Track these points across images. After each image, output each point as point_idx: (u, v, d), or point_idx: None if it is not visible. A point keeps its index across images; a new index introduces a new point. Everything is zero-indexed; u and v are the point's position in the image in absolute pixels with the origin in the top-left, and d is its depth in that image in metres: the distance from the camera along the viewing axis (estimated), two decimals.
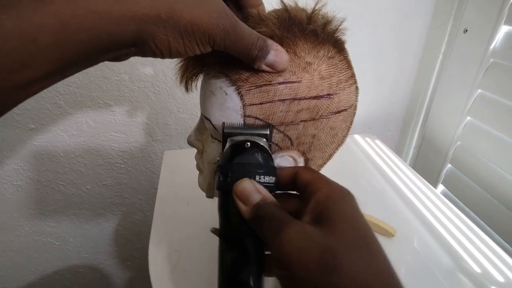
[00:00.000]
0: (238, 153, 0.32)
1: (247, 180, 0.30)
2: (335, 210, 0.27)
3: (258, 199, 0.29)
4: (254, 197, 0.29)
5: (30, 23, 0.23)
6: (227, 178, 0.31)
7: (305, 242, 0.25)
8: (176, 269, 0.52)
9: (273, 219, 0.28)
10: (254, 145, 0.33)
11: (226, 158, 0.32)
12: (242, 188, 0.30)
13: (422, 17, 0.87)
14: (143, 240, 1.04)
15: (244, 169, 0.31)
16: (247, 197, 0.29)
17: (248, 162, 0.32)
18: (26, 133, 0.77)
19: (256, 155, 0.32)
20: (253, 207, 0.29)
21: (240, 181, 0.30)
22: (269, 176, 0.32)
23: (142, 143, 0.87)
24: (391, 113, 1.02)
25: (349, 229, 0.26)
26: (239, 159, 0.32)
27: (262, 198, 0.29)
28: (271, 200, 0.30)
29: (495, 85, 0.74)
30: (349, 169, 0.79)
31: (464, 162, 0.83)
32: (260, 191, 0.30)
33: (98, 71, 0.74)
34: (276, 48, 0.33)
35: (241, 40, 0.31)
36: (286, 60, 0.33)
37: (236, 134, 0.34)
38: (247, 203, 0.29)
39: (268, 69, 0.34)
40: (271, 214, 0.28)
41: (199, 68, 0.38)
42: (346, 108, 0.38)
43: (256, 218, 0.29)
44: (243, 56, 0.32)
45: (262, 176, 0.31)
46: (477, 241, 0.59)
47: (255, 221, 0.29)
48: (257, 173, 0.31)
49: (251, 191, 0.30)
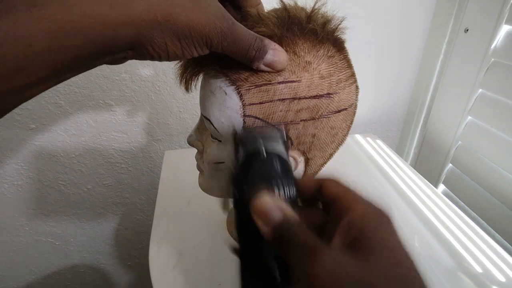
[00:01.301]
0: (253, 164, 0.29)
1: (266, 196, 0.27)
2: (373, 237, 0.23)
3: (279, 218, 0.26)
4: (275, 215, 0.26)
5: (25, 28, 0.23)
6: (243, 193, 0.28)
7: (342, 277, 0.22)
8: (176, 269, 0.52)
9: (300, 245, 0.24)
10: (270, 152, 0.30)
11: (241, 170, 0.30)
12: (261, 205, 0.27)
13: (423, 17, 0.87)
14: (144, 240, 1.04)
15: (261, 181, 0.28)
16: (267, 215, 0.26)
17: (265, 174, 0.29)
18: (27, 133, 0.77)
19: (274, 165, 0.29)
20: (274, 227, 0.26)
21: (258, 197, 0.27)
22: (289, 187, 0.29)
23: (143, 143, 0.87)
24: (392, 113, 1.02)
25: (390, 263, 0.22)
26: (255, 170, 0.29)
27: (284, 216, 0.26)
28: (294, 219, 0.26)
29: (496, 85, 0.73)
30: (350, 169, 0.79)
31: (465, 162, 0.83)
32: (281, 208, 0.26)
33: (99, 70, 0.74)
34: (274, 48, 0.33)
35: (239, 41, 0.31)
36: (284, 59, 0.33)
37: (250, 141, 0.31)
38: (267, 222, 0.26)
39: (267, 69, 0.33)
40: (297, 238, 0.24)
41: (198, 68, 0.38)
42: (346, 107, 0.38)
43: (279, 239, 0.25)
44: (241, 57, 0.32)
45: (282, 187, 0.28)
46: (478, 241, 0.59)
47: (278, 243, 0.25)
48: (276, 184, 0.28)
49: (271, 208, 0.26)
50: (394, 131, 1.06)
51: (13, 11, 0.22)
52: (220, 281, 0.51)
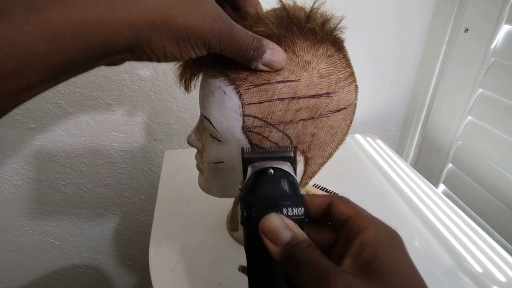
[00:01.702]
0: (261, 183, 0.29)
1: (274, 215, 0.27)
2: (386, 262, 0.23)
3: (288, 238, 0.25)
4: (284, 235, 0.26)
5: (23, 32, 0.23)
6: (251, 213, 0.28)
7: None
8: (176, 269, 0.52)
9: (311, 267, 0.23)
10: (278, 171, 0.29)
11: (249, 189, 0.29)
12: (270, 225, 0.26)
13: (422, 16, 0.87)
14: (144, 239, 1.04)
15: (269, 202, 0.28)
16: (276, 235, 0.26)
17: (273, 193, 0.28)
18: (27, 133, 0.77)
19: (282, 184, 0.29)
20: (283, 247, 0.25)
21: (267, 217, 0.27)
22: (298, 208, 0.28)
23: (143, 143, 0.87)
24: (392, 113, 1.02)
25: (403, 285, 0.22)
26: (263, 190, 0.28)
27: (293, 236, 0.26)
28: (303, 239, 0.26)
29: (496, 85, 0.73)
30: (350, 168, 0.79)
31: (465, 162, 0.83)
32: (290, 227, 0.26)
33: (99, 70, 0.74)
34: (272, 47, 0.33)
35: (237, 42, 0.31)
36: (283, 59, 0.33)
37: (257, 160, 0.31)
38: (276, 242, 0.26)
39: (266, 69, 0.33)
40: (308, 257, 0.24)
41: (197, 68, 0.38)
42: (345, 106, 0.38)
43: (289, 261, 0.25)
44: (239, 57, 0.32)
45: (290, 208, 0.28)
46: (478, 241, 0.59)
47: (288, 264, 0.25)
48: (285, 205, 0.28)
49: (280, 228, 0.26)
50: (394, 131, 1.06)
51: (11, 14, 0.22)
52: (220, 281, 0.51)
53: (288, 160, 0.31)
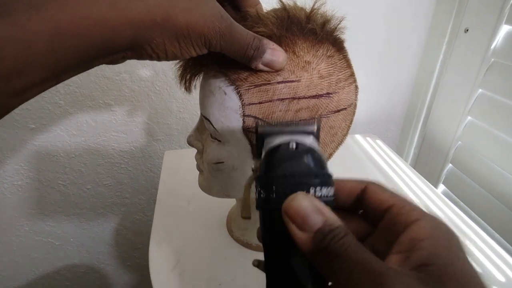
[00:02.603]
0: (282, 159, 0.24)
1: (302, 195, 0.22)
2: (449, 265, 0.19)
3: (320, 223, 0.21)
4: (314, 219, 0.21)
5: (25, 30, 0.23)
6: (270, 194, 0.23)
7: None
8: (176, 269, 0.52)
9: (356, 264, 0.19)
10: (301, 146, 0.24)
11: (267, 166, 0.24)
12: (297, 206, 0.21)
13: (422, 17, 0.87)
14: (144, 240, 1.04)
15: (293, 180, 0.23)
16: (305, 219, 0.21)
17: (297, 170, 0.23)
18: (27, 133, 0.77)
19: (307, 159, 0.24)
20: (314, 235, 0.21)
21: (292, 197, 0.22)
22: (328, 187, 0.23)
23: (143, 143, 0.87)
24: (392, 113, 1.02)
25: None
26: (285, 167, 0.23)
27: (326, 221, 0.21)
28: (339, 225, 0.21)
29: (496, 85, 0.73)
30: (350, 169, 0.79)
31: (465, 162, 0.83)
32: (321, 210, 0.21)
33: (99, 70, 0.74)
34: (272, 47, 0.33)
35: (237, 41, 0.31)
36: (283, 59, 0.33)
37: (274, 134, 0.26)
38: (305, 228, 0.21)
39: (266, 69, 0.34)
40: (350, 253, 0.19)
41: (198, 68, 0.38)
42: (345, 107, 0.38)
43: (322, 252, 0.20)
44: (240, 56, 0.32)
45: (319, 187, 0.23)
46: (478, 241, 0.59)
47: (321, 258, 0.20)
48: (312, 183, 0.23)
49: (309, 211, 0.21)
50: (394, 131, 1.06)
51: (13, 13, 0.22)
52: (220, 281, 0.51)
53: (311, 133, 0.26)
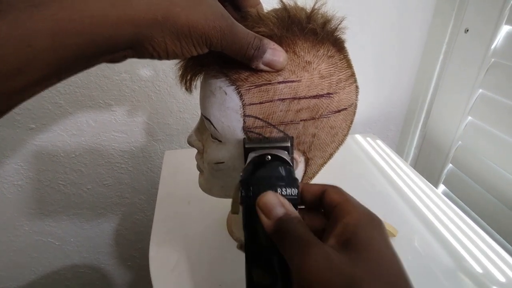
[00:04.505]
0: (259, 167, 0.32)
1: (270, 192, 0.29)
2: (364, 237, 0.25)
3: (281, 213, 0.28)
4: (277, 210, 0.28)
5: (25, 28, 0.23)
6: (249, 192, 0.30)
7: (329, 270, 0.23)
8: (176, 269, 0.52)
9: (296, 237, 0.26)
10: (275, 158, 0.32)
11: (248, 172, 0.32)
12: (266, 200, 0.29)
13: (422, 17, 0.87)
14: (144, 240, 1.04)
15: (266, 182, 0.31)
16: (270, 210, 0.28)
17: (269, 175, 0.31)
18: (27, 133, 0.77)
19: (278, 168, 0.32)
20: (276, 220, 0.27)
21: (263, 194, 0.29)
22: (292, 188, 0.31)
23: (143, 143, 0.87)
24: (392, 113, 1.02)
25: (377, 260, 0.24)
26: (261, 173, 0.31)
27: (286, 212, 0.28)
28: (295, 216, 0.28)
29: (496, 85, 0.74)
30: (350, 169, 0.79)
31: (465, 162, 0.83)
32: (284, 204, 0.29)
33: (99, 70, 0.74)
34: (273, 47, 0.33)
35: (238, 40, 0.31)
36: (284, 59, 0.33)
37: (257, 149, 0.34)
38: (270, 216, 0.28)
39: (267, 68, 0.34)
40: (295, 230, 0.27)
41: (198, 68, 0.38)
42: (346, 107, 0.38)
43: (278, 232, 0.27)
44: (240, 56, 0.32)
45: (284, 188, 0.30)
46: (478, 241, 0.59)
47: (277, 236, 0.27)
48: (279, 185, 0.30)
49: (274, 204, 0.28)
50: (394, 131, 1.06)
51: (14, 11, 0.22)
52: (220, 281, 0.51)
53: (285, 149, 0.34)
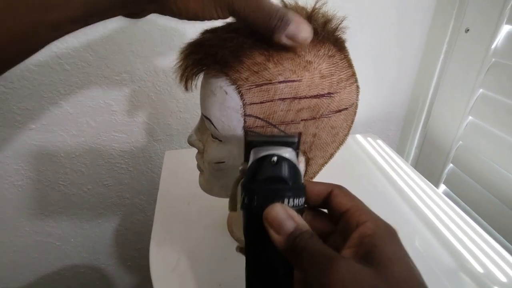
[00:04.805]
0: (263, 171, 0.28)
1: (278, 206, 0.27)
2: (385, 251, 0.24)
3: (292, 228, 0.26)
4: (288, 225, 0.26)
5: None
6: (252, 201, 0.28)
7: (356, 282, 0.23)
8: (177, 269, 0.52)
9: (315, 253, 0.25)
10: (281, 159, 0.29)
11: (251, 176, 0.29)
12: (275, 215, 0.27)
13: (423, 17, 0.87)
14: (144, 240, 1.04)
15: (271, 192, 0.28)
16: (280, 225, 0.26)
17: (275, 183, 0.28)
18: (27, 133, 0.77)
19: (284, 173, 0.28)
20: (288, 237, 0.26)
21: (271, 207, 0.27)
22: (300, 198, 0.28)
23: (143, 143, 0.87)
24: (392, 113, 1.02)
25: (402, 272, 0.24)
26: (265, 179, 0.28)
27: (297, 226, 0.26)
28: (306, 229, 0.27)
29: (496, 85, 0.73)
30: (350, 169, 0.79)
31: (466, 162, 0.83)
32: (293, 218, 0.27)
33: (99, 70, 0.74)
34: (298, 20, 0.32)
35: (262, 8, 0.30)
36: (309, 33, 0.32)
37: (260, 143, 0.30)
38: (280, 232, 0.26)
39: (289, 42, 0.32)
40: (311, 246, 0.25)
41: (199, 68, 0.38)
42: (347, 107, 0.38)
43: (293, 249, 0.26)
44: (263, 26, 0.31)
45: (292, 198, 0.28)
46: (479, 241, 0.59)
47: (292, 253, 0.26)
48: (287, 196, 0.28)
49: (284, 219, 0.26)
50: (395, 131, 1.06)
51: None
52: (220, 281, 0.51)
53: (291, 146, 0.30)
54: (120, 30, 0.71)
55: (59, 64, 0.71)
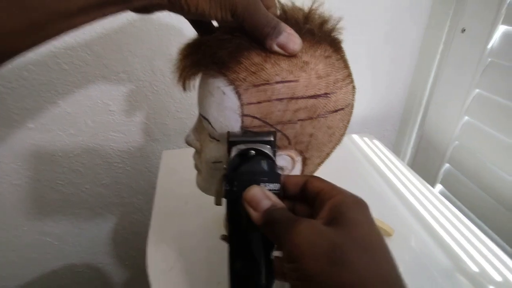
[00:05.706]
0: (243, 162, 0.33)
1: (256, 187, 0.31)
2: (349, 215, 0.27)
3: (268, 205, 0.30)
4: (264, 203, 0.30)
5: None
6: (233, 187, 0.32)
7: (316, 236, 0.26)
8: (174, 268, 0.53)
9: (284, 220, 0.28)
10: (258, 153, 0.33)
11: (232, 167, 0.33)
12: (252, 194, 0.30)
13: (419, 16, 0.87)
14: (141, 239, 1.03)
15: (249, 177, 0.32)
16: (258, 203, 0.30)
17: (253, 170, 0.33)
18: (25, 133, 0.77)
19: (261, 163, 0.33)
20: (263, 212, 0.29)
21: (249, 188, 0.31)
22: (274, 183, 0.32)
23: (141, 143, 0.87)
24: (389, 113, 1.02)
25: (360, 232, 0.26)
26: (245, 168, 0.33)
27: (272, 203, 0.30)
28: (281, 206, 0.30)
29: (492, 85, 0.74)
30: (347, 168, 0.79)
31: (462, 162, 0.84)
32: (269, 197, 0.30)
33: (97, 70, 0.74)
34: (289, 32, 0.34)
35: (259, 16, 0.33)
36: (298, 45, 0.34)
37: (240, 142, 0.34)
38: (257, 209, 0.30)
39: (280, 50, 0.34)
40: (282, 216, 0.29)
41: (196, 68, 0.38)
42: (343, 107, 0.38)
43: (268, 222, 0.29)
44: (257, 31, 0.33)
45: (267, 183, 0.32)
46: (475, 241, 0.60)
47: (266, 225, 0.29)
48: (262, 180, 0.32)
49: (261, 197, 0.30)
50: (391, 131, 1.06)
51: None
52: (219, 280, 0.51)
53: (268, 143, 0.34)
54: (118, 30, 0.71)
55: (57, 64, 0.71)
